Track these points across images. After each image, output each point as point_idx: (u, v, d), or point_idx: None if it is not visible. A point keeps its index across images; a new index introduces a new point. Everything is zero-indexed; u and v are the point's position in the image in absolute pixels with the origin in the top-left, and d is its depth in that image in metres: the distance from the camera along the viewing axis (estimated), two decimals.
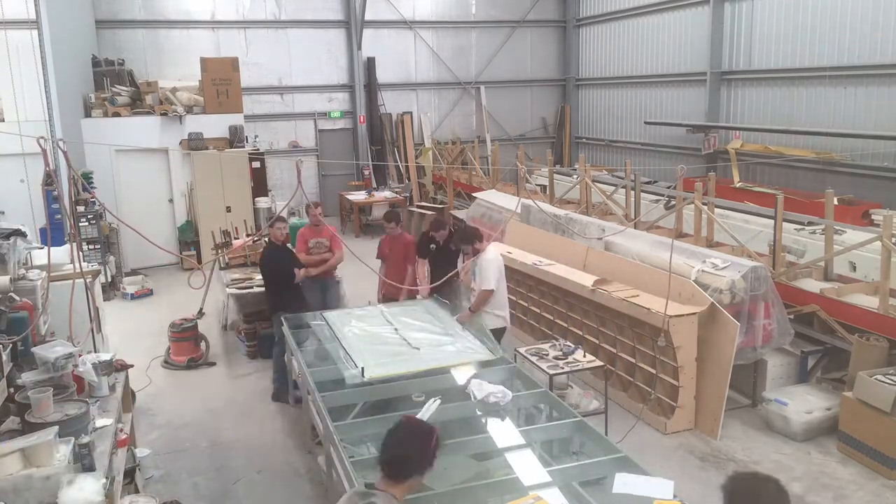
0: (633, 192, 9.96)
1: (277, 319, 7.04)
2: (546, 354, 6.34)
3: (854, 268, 7.57)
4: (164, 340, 8.50)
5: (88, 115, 12.36)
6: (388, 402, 5.36)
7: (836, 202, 8.13)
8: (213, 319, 9.57)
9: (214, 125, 12.72)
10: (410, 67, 17.80)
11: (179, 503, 5.35)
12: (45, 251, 5.19)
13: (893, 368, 5.91)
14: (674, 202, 9.19)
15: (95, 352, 5.39)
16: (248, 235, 10.24)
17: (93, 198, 10.10)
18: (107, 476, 3.65)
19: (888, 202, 9.97)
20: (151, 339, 9.01)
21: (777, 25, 12.72)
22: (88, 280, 5.63)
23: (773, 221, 7.43)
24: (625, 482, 3.91)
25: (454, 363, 5.63)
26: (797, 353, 6.89)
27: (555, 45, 18.98)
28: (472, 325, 6.49)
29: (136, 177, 12.52)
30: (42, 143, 4.65)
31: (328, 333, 6.47)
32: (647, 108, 16.26)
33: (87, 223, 10.61)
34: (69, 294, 5.06)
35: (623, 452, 4.30)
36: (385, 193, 15.76)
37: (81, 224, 10.38)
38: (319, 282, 8.18)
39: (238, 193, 12.40)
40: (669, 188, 10.32)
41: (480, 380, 5.20)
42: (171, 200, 12.95)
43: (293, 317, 6.88)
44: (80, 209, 10.42)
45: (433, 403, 4.86)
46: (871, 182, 11.17)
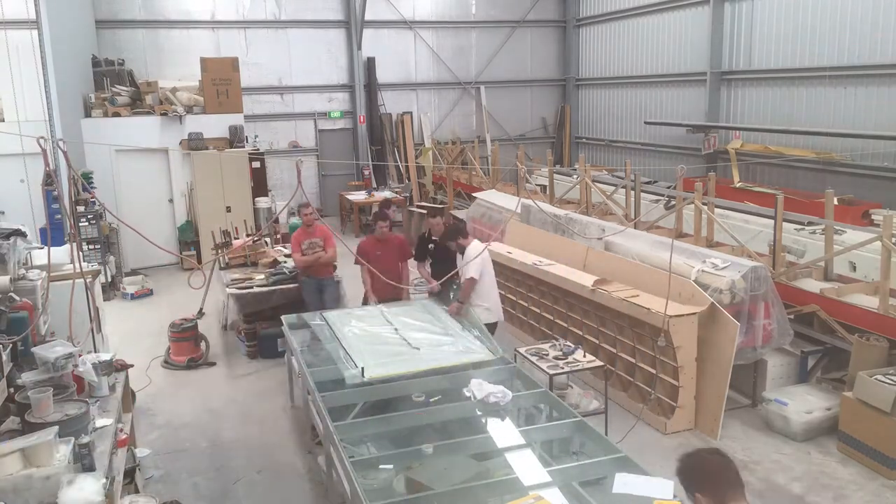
0: (633, 192, 9.95)
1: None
2: (546, 354, 6.34)
3: (854, 268, 7.57)
4: (164, 340, 8.50)
5: (88, 115, 12.36)
6: (388, 402, 5.37)
7: (836, 202, 8.12)
8: (213, 319, 9.57)
9: (214, 125, 12.72)
10: (410, 67, 17.79)
11: (179, 503, 5.35)
12: (45, 251, 5.19)
13: (893, 368, 5.91)
14: (674, 202, 9.19)
15: (95, 352, 5.39)
16: (248, 235, 10.24)
17: (93, 198, 10.11)
18: (107, 476, 3.65)
19: (888, 202, 9.96)
20: (151, 339, 9.00)
21: (777, 25, 12.71)
22: (88, 280, 5.63)
23: (773, 221, 7.42)
24: (625, 482, 3.91)
25: (454, 363, 5.64)
26: (797, 353, 6.89)
27: (555, 45, 18.97)
28: (465, 318, 6.54)
29: (136, 177, 12.52)
30: (42, 143, 4.65)
31: (328, 333, 6.47)
32: (647, 108, 16.26)
33: (87, 223, 10.61)
34: (69, 294, 5.05)
35: (623, 452, 4.30)
36: (385, 193, 15.75)
37: (81, 224, 10.38)
38: (317, 281, 8.18)
39: (238, 193, 12.40)
40: (669, 188, 10.32)
41: (480, 380, 5.20)
42: (171, 200, 12.94)
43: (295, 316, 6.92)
44: (80, 209, 10.42)
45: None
46: (871, 182, 11.17)
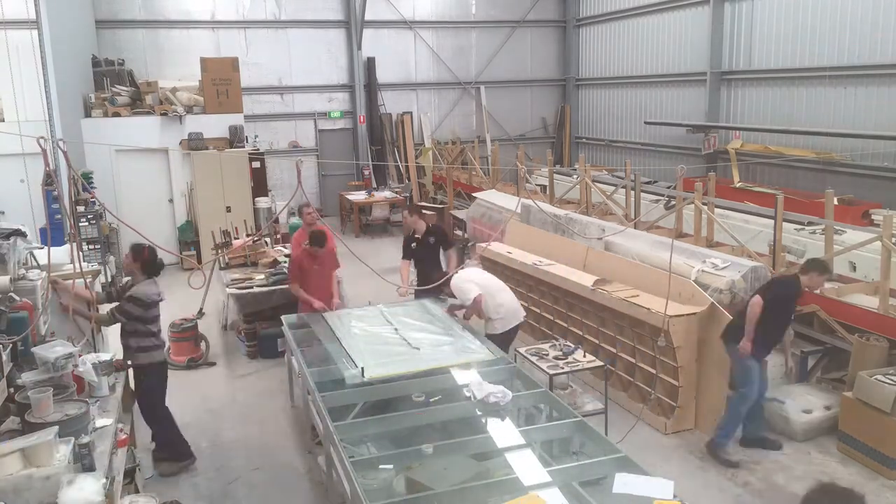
0: (633, 192, 9.96)
1: None
2: (546, 354, 6.34)
3: (854, 268, 7.57)
4: (164, 340, 8.48)
5: (88, 115, 12.36)
6: (388, 402, 5.37)
7: (836, 202, 8.12)
8: (213, 319, 9.57)
9: (214, 125, 12.72)
10: (410, 67, 17.80)
11: (179, 503, 5.36)
12: (45, 251, 5.19)
13: (893, 368, 5.91)
14: (674, 202, 9.19)
15: (95, 352, 5.39)
16: (248, 235, 10.24)
17: (93, 198, 10.09)
18: (107, 476, 3.65)
19: (888, 202, 9.97)
20: None
21: (777, 25, 12.72)
22: (88, 280, 5.62)
23: (773, 221, 7.43)
24: (625, 482, 3.91)
25: (454, 363, 5.64)
26: (797, 353, 6.88)
27: (555, 45, 18.98)
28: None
29: (136, 177, 12.52)
30: (42, 143, 4.65)
31: (328, 333, 6.47)
32: (647, 108, 16.26)
33: (87, 223, 10.58)
34: None
35: (623, 452, 4.30)
36: (385, 193, 15.76)
37: (81, 224, 10.35)
38: None
39: (238, 193, 12.40)
40: (669, 188, 10.32)
41: (480, 380, 5.20)
42: (171, 200, 12.94)
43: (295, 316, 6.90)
44: (80, 209, 10.40)
45: None
46: (871, 182, 11.17)
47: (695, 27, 14.59)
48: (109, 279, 7.25)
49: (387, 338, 6.24)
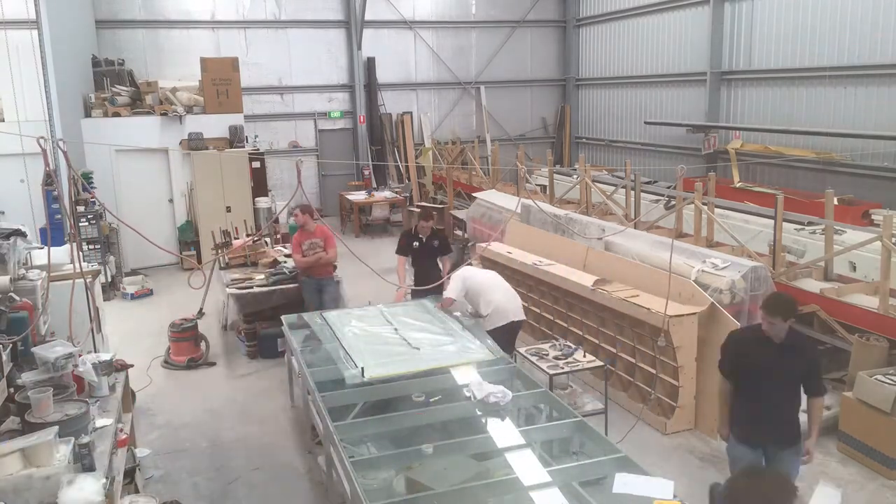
0: (633, 192, 9.95)
1: None
2: (546, 354, 6.35)
3: (854, 268, 7.57)
4: (164, 340, 8.49)
5: (88, 115, 12.36)
6: (388, 402, 5.37)
7: (836, 202, 8.12)
8: (213, 319, 9.56)
9: (214, 125, 12.72)
10: (410, 67, 17.79)
11: (179, 503, 5.35)
12: (45, 251, 5.19)
13: (893, 368, 5.91)
14: (674, 202, 9.19)
15: (95, 352, 5.39)
16: (248, 235, 10.24)
17: (93, 198, 10.10)
18: (107, 476, 3.65)
19: (888, 202, 9.97)
20: (151, 339, 9.00)
21: (777, 25, 12.72)
22: (88, 280, 5.63)
23: (773, 221, 7.42)
24: (625, 482, 3.91)
25: (454, 363, 5.64)
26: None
27: (555, 45, 18.97)
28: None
29: (136, 177, 12.52)
30: (42, 143, 4.65)
31: (328, 333, 6.47)
32: (647, 108, 16.26)
33: (87, 223, 10.61)
34: (69, 294, 5.06)
35: (623, 452, 4.30)
36: (385, 193, 15.76)
37: (81, 224, 10.38)
38: (317, 281, 8.19)
39: (238, 193, 12.40)
40: (669, 188, 10.32)
41: (480, 380, 5.20)
42: (171, 200, 12.94)
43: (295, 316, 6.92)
44: (80, 209, 10.42)
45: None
46: (871, 182, 11.17)
47: (695, 27, 14.59)
48: (110, 279, 7.26)
49: (387, 338, 6.24)
